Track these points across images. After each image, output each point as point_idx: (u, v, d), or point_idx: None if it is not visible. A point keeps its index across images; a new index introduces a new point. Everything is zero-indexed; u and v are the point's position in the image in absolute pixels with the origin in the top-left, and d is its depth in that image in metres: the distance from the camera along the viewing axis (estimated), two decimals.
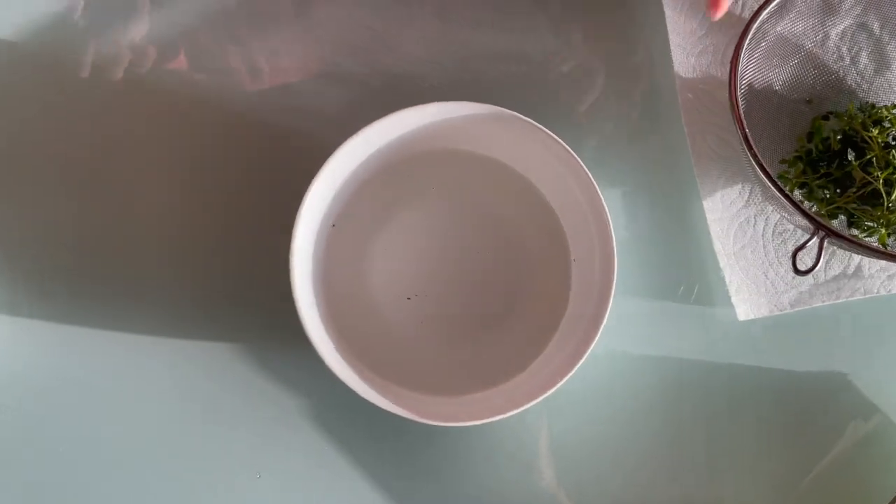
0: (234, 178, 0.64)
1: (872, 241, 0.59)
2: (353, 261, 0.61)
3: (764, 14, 0.61)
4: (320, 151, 0.56)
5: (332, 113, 0.65)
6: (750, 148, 0.57)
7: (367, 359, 0.58)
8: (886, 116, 0.60)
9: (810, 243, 0.56)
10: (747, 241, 0.63)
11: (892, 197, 0.58)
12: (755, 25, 0.60)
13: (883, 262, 0.62)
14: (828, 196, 0.60)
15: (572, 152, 0.56)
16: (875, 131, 0.59)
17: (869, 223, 0.59)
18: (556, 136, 0.56)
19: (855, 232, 0.60)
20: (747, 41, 0.60)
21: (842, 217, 0.61)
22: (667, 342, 0.63)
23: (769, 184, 0.56)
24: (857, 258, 0.62)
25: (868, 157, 0.58)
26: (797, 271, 0.55)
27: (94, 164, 0.64)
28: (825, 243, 0.55)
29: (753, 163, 0.57)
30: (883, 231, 0.58)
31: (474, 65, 0.65)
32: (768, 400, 0.62)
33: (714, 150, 0.63)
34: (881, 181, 0.57)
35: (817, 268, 0.55)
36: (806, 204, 0.61)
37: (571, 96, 0.65)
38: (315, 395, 0.61)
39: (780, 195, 0.56)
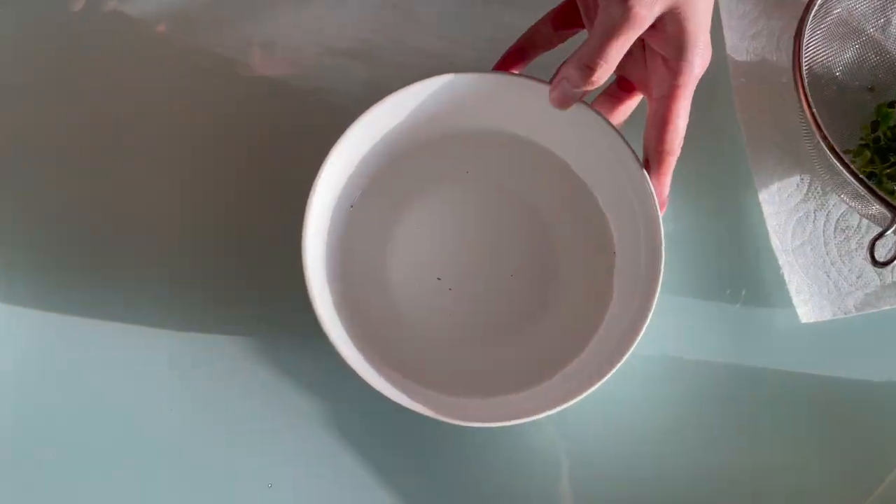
0: (245, 160, 0.59)
1: None
2: (373, 247, 0.55)
3: None
4: (341, 132, 0.51)
5: (355, 91, 0.60)
6: (819, 130, 0.52)
7: (385, 352, 0.52)
8: None
9: (889, 232, 0.50)
10: (807, 238, 0.57)
11: None
12: (818, 3, 0.56)
13: None
14: None
15: (621, 135, 0.51)
16: None
17: None
18: (605, 118, 0.51)
19: None
20: (810, 18, 0.55)
21: None
22: (714, 346, 0.58)
23: (842, 169, 0.51)
24: None
25: None
26: (875, 262, 0.50)
27: (94, 150, 0.59)
28: None
29: (823, 146, 0.52)
30: None
31: (504, 45, 0.60)
32: (827, 412, 0.57)
33: (770, 138, 0.59)
34: None
35: None
36: None
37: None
38: (332, 396, 0.55)
39: (855, 182, 0.51)
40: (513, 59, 0.53)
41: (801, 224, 0.58)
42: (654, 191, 0.49)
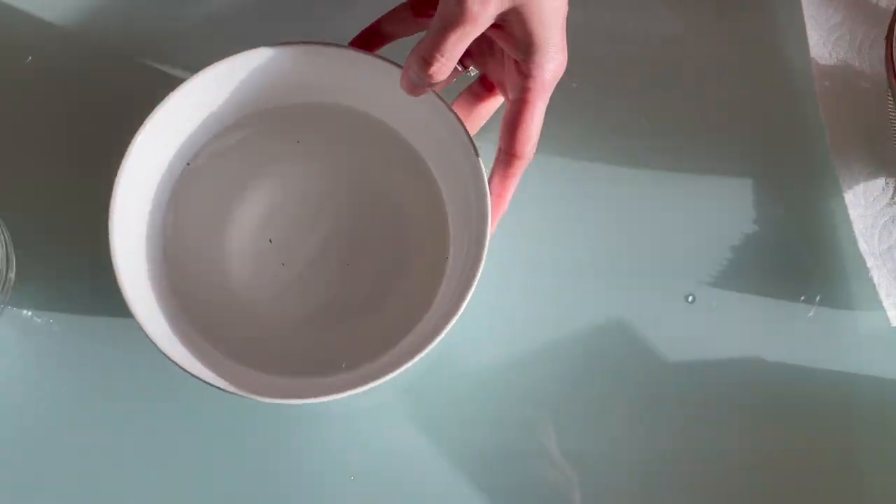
0: None
1: None
2: (209, 224, 0.53)
3: None
4: None
5: None
6: None
7: (211, 331, 0.51)
8: None
9: None
10: (893, 242, 0.57)
11: None
12: None
13: None
14: None
15: (465, 130, 0.49)
16: None
17: None
18: (453, 110, 0.50)
19: None
20: None
21: None
22: (789, 351, 0.56)
23: None
24: None
25: None
26: None
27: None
28: None
29: None
30: None
31: (590, 45, 0.60)
32: None
33: (854, 142, 0.58)
34: None
35: None
36: None
37: (696, 80, 0.60)
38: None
39: None
40: (369, 39, 0.52)
41: (888, 228, 0.57)
42: (488, 190, 0.48)
